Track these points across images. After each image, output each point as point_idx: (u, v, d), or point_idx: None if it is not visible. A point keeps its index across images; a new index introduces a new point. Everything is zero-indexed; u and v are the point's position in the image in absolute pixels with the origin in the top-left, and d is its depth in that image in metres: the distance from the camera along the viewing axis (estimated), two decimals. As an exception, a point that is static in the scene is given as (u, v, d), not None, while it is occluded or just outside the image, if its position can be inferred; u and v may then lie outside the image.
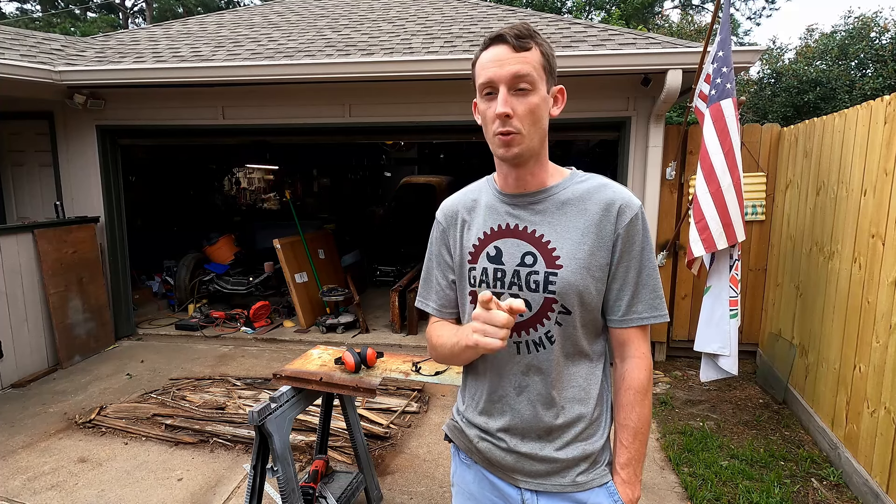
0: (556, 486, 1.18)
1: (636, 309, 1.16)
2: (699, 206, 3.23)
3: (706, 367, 3.48)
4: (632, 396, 1.17)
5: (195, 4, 21.87)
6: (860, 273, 2.95)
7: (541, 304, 1.13)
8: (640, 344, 1.18)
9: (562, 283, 1.11)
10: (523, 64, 1.06)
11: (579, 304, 1.13)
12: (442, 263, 1.29)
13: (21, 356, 4.47)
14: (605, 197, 1.13)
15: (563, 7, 16.99)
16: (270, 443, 2.08)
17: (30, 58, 4.92)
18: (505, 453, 1.20)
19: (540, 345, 1.15)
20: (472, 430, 1.26)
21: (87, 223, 5.18)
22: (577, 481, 1.17)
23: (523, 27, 1.08)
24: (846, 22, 13.73)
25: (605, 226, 1.12)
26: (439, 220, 1.30)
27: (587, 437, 1.18)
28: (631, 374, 1.18)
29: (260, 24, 6.16)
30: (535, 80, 1.07)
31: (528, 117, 1.07)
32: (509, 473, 1.21)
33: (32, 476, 3.05)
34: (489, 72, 1.07)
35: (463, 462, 1.31)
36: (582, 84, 4.46)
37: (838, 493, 2.89)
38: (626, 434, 1.17)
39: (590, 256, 1.12)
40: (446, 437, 1.35)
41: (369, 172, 14.23)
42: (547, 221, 1.15)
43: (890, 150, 2.70)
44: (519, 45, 1.06)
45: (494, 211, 1.20)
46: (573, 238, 1.12)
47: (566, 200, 1.15)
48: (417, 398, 4.02)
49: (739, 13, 19.50)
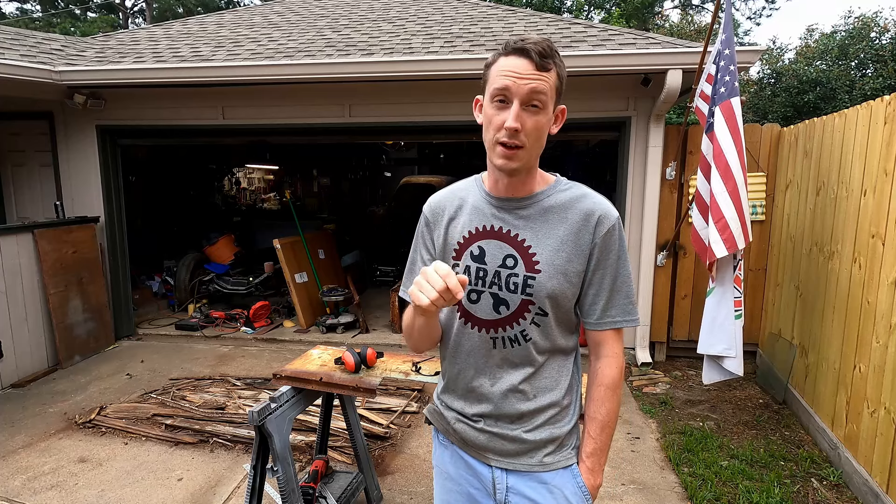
0: (524, 466, 1.25)
1: (610, 313, 1.23)
2: (717, 206, 3.16)
3: (709, 368, 3.46)
4: (602, 392, 1.24)
5: (195, 4, 21.87)
6: (860, 273, 2.95)
7: (518, 304, 1.20)
8: (613, 344, 1.26)
9: (539, 286, 1.18)
10: (541, 83, 1.09)
11: (554, 307, 1.20)
12: (426, 257, 1.35)
13: (21, 356, 4.47)
14: (585, 207, 1.19)
15: (562, 7, 16.98)
16: (270, 443, 2.08)
17: (30, 58, 4.92)
18: (478, 433, 1.27)
19: (515, 341, 1.22)
20: (450, 413, 1.33)
21: (87, 223, 5.18)
22: (544, 462, 1.25)
23: (547, 45, 1.09)
24: (846, 22, 13.74)
25: (583, 235, 1.18)
26: (425, 214, 1.35)
27: (556, 422, 1.26)
28: (603, 371, 1.25)
29: (260, 24, 6.16)
30: (547, 100, 1.10)
31: (533, 134, 1.11)
32: (482, 452, 1.28)
33: (32, 476, 3.04)
34: (506, 80, 1.09)
35: (441, 443, 1.39)
36: (582, 84, 4.46)
37: (838, 493, 2.89)
38: (595, 426, 1.25)
39: (567, 263, 1.18)
40: (426, 419, 1.43)
41: (369, 172, 14.22)
42: (530, 227, 1.20)
43: (890, 150, 2.70)
44: (541, 64, 1.08)
45: (480, 212, 1.24)
46: (552, 245, 1.19)
47: (549, 208, 1.21)
48: (417, 398, 4.02)
49: (739, 13, 19.50)
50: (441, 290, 1.00)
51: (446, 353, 1.33)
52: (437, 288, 1.00)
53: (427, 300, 1.01)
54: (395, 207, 10.15)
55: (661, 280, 4.85)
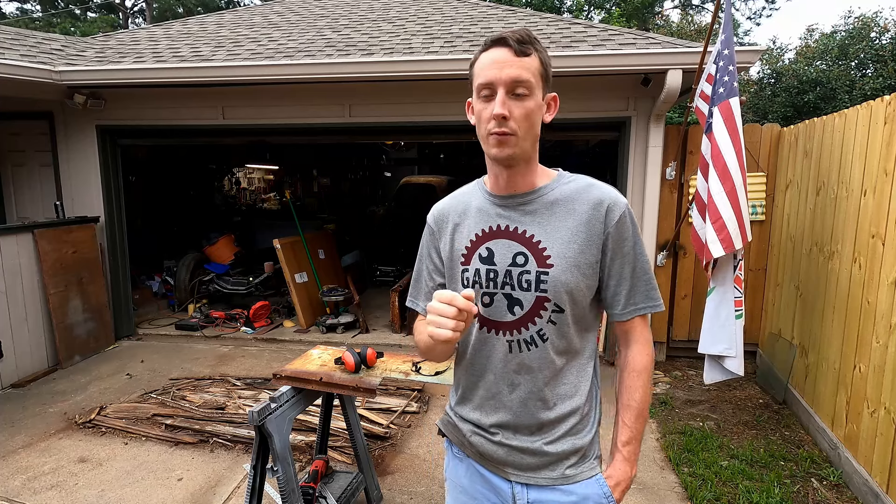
0: (545, 479, 1.21)
1: (634, 300, 1.20)
2: (715, 206, 3.15)
3: (710, 368, 3.45)
4: (635, 378, 1.22)
5: (195, 4, 21.87)
6: (860, 273, 2.95)
7: (533, 302, 1.16)
8: (642, 330, 1.24)
9: (553, 281, 1.14)
10: (523, 69, 1.08)
11: (570, 302, 1.16)
12: (431, 266, 1.32)
13: (21, 356, 4.47)
14: (592, 196, 1.17)
15: (562, 7, 16.98)
16: (270, 443, 2.08)
17: (30, 58, 4.92)
18: (496, 447, 1.22)
19: (532, 343, 1.17)
20: (466, 425, 1.28)
21: (87, 223, 5.18)
22: (567, 474, 1.20)
23: (525, 33, 1.09)
24: (846, 22, 13.74)
25: (594, 225, 1.15)
26: (430, 224, 1.32)
27: (577, 432, 1.22)
28: (634, 358, 1.23)
29: (260, 24, 6.16)
30: (532, 85, 1.10)
31: (523, 121, 1.10)
32: (500, 467, 1.24)
33: (32, 476, 3.05)
34: (489, 73, 1.09)
35: (455, 456, 1.34)
36: (582, 84, 4.46)
37: (838, 493, 2.89)
38: (629, 414, 1.21)
39: (579, 255, 1.15)
40: (440, 431, 1.38)
41: (369, 172, 14.22)
42: (537, 222, 1.17)
43: (890, 150, 2.70)
44: (520, 49, 1.08)
45: (485, 213, 1.22)
46: (563, 237, 1.15)
47: (554, 201, 1.18)
48: (417, 398, 4.02)
49: (739, 13, 19.51)
50: (455, 316, 1.00)
51: (462, 361, 1.29)
52: (450, 316, 1.00)
53: (450, 332, 1.01)
54: (395, 207, 10.15)
55: (661, 280, 4.84)
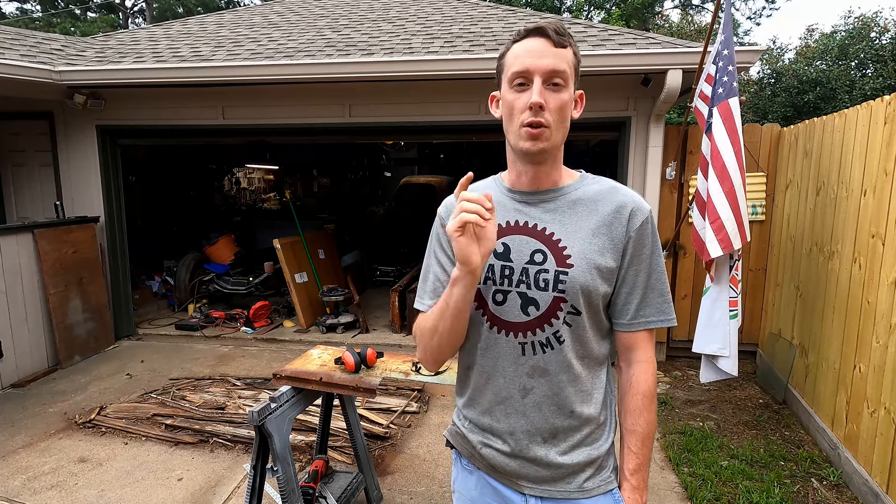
0: (561, 493, 1.15)
1: (644, 313, 1.14)
2: (713, 206, 3.16)
3: (706, 367, 3.48)
4: (640, 401, 1.16)
5: (195, 4, 21.87)
6: (860, 273, 2.95)
7: (549, 302, 1.10)
8: (647, 347, 1.17)
9: (572, 282, 1.09)
10: (560, 60, 1.06)
11: (587, 305, 1.11)
12: (444, 259, 1.24)
13: (21, 356, 4.47)
14: (616, 199, 1.13)
15: (562, 7, 16.98)
16: (270, 443, 2.08)
17: (30, 58, 4.92)
18: (509, 459, 1.17)
19: (547, 345, 1.12)
20: (475, 436, 1.22)
21: (87, 223, 5.18)
22: (585, 487, 1.15)
23: (561, 25, 1.08)
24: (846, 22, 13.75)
25: (616, 228, 1.11)
26: (441, 216, 1.25)
27: (592, 442, 1.17)
28: (638, 378, 1.16)
29: (260, 24, 6.16)
30: (568, 77, 1.08)
31: (557, 113, 1.07)
32: (513, 479, 1.18)
33: (32, 476, 3.04)
34: (525, 61, 1.06)
35: (465, 468, 1.27)
36: (582, 84, 4.40)
37: (838, 493, 2.89)
38: (635, 440, 1.16)
39: (600, 256, 1.11)
40: (448, 443, 1.31)
41: (369, 172, 14.22)
42: (558, 220, 1.13)
43: (890, 150, 2.70)
44: (558, 40, 1.06)
45: (503, 207, 1.17)
46: (584, 237, 1.11)
47: (577, 200, 1.14)
48: (417, 398, 4.02)
49: (739, 13, 19.50)
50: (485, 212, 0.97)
51: (470, 362, 1.21)
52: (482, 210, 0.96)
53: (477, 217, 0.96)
54: (395, 207, 10.15)
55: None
